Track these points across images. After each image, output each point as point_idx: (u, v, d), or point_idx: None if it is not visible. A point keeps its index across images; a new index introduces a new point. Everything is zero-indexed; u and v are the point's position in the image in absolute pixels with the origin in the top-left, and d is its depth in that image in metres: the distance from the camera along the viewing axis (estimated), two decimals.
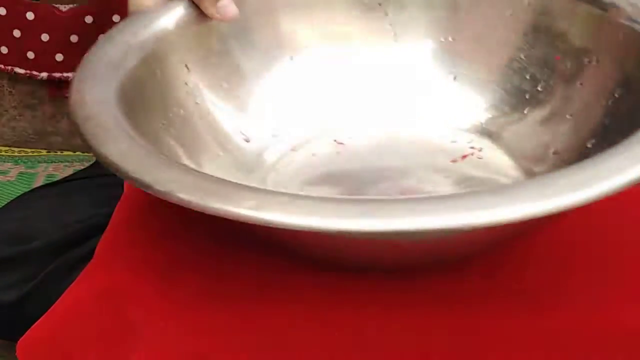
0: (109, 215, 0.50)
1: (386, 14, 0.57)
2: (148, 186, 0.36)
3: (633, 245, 0.46)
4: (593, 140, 0.48)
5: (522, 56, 0.54)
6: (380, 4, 0.57)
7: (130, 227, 0.48)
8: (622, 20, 0.50)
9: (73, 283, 0.46)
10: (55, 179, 1.09)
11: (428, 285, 0.42)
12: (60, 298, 0.45)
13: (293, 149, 0.54)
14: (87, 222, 0.63)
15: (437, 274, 0.43)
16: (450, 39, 0.57)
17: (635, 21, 0.49)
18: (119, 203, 0.51)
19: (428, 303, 0.41)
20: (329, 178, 0.52)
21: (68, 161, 1.16)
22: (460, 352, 0.39)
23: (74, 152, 1.17)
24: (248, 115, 0.54)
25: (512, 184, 0.47)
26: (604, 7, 0.51)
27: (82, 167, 1.06)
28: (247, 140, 0.53)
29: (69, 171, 1.13)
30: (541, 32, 0.54)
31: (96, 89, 0.44)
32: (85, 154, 1.17)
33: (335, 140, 0.54)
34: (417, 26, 0.57)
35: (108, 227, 0.49)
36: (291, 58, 0.56)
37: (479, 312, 0.41)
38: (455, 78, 0.56)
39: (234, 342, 0.40)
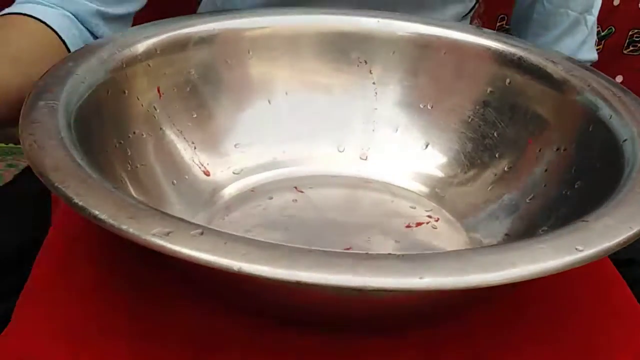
0: (37, 240, 0.46)
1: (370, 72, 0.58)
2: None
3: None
4: (545, 227, 0.47)
5: (495, 134, 0.54)
6: (366, 62, 0.57)
7: (50, 284, 0.43)
8: (575, 97, 0.50)
9: None
10: None
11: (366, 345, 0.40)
12: None
13: (252, 190, 0.54)
14: (14, 245, 0.57)
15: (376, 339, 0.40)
16: (429, 106, 0.57)
17: (585, 97, 0.49)
18: (41, 249, 0.46)
19: None
20: (278, 224, 0.51)
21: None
22: None
23: (7, 144, 1.12)
24: (213, 149, 0.54)
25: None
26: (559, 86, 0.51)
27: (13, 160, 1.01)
28: (207, 174, 0.53)
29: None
30: (514, 112, 0.54)
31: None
32: (16, 145, 1.11)
33: (295, 188, 0.54)
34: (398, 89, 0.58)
35: (28, 282, 0.44)
36: (269, 102, 0.56)
37: None
38: (427, 146, 0.56)
39: None
